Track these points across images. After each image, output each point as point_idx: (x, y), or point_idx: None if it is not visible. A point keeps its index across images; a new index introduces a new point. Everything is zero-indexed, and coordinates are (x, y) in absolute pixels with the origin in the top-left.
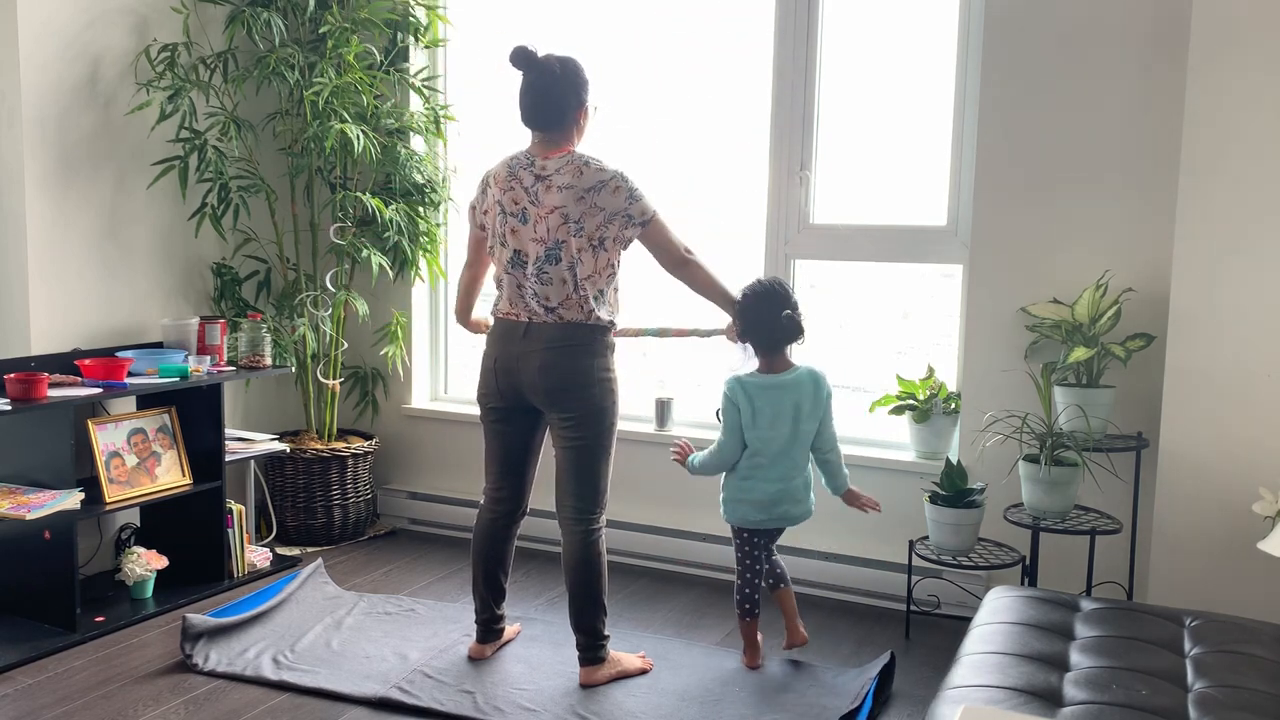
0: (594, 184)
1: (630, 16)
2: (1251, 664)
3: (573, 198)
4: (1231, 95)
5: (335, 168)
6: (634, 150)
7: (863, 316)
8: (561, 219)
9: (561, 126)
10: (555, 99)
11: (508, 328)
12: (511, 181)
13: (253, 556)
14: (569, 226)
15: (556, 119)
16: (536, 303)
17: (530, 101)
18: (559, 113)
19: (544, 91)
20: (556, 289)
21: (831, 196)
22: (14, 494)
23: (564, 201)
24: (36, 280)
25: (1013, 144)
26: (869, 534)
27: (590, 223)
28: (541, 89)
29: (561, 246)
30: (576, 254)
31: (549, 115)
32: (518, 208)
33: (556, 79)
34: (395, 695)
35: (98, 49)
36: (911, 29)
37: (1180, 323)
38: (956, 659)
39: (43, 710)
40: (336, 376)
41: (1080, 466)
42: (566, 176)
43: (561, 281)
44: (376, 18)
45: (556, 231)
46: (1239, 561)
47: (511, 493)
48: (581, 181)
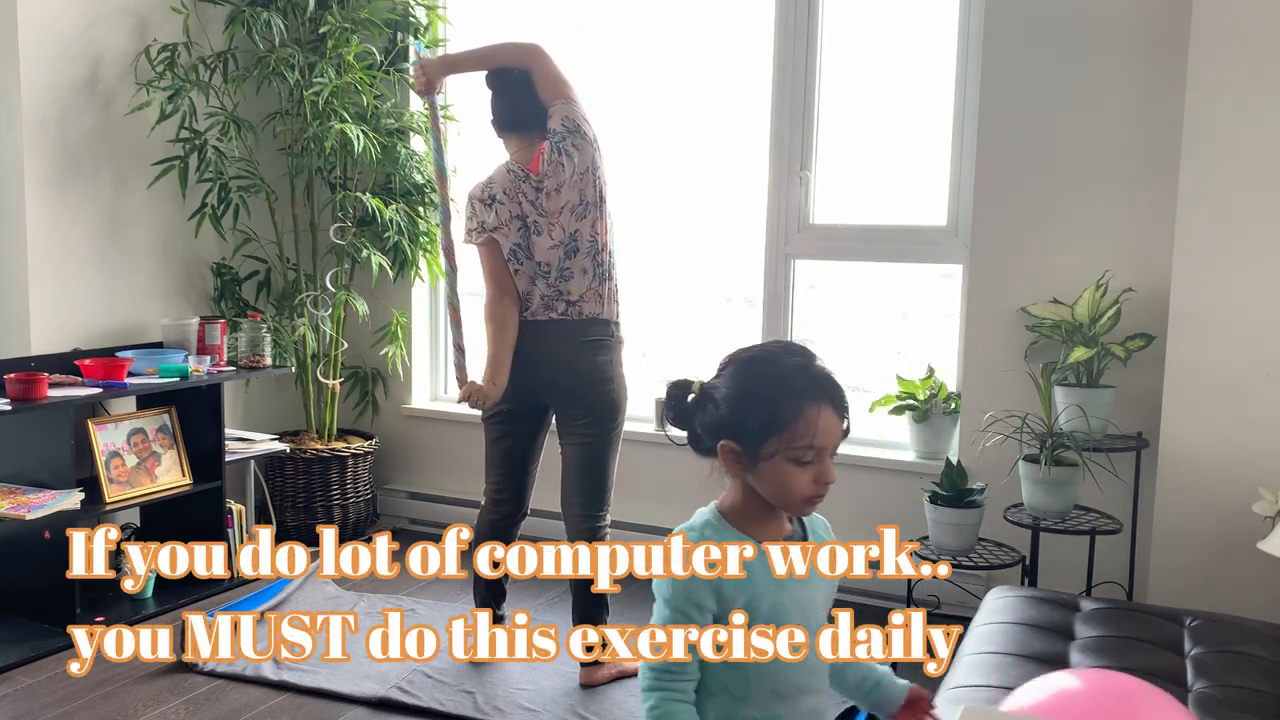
0: (576, 162)
1: (630, 16)
2: (1251, 664)
3: (571, 189)
4: (1231, 95)
5: (335, 168)
6: (634, 150)
7: (863, 316)
8: (570, 214)
9: (542, 123)
10: (530, 98)
11: (523, 327)
12: (519, 197)
13: None
14: (576, 212)
15: (538, 117)
16: (559, 301)
17: (508, 105)
18: (541, 109)
19: (519, 90)
20: (578, 281)
21: (831, 196)
22: (14, 494)
23: (568, 198)
24: (36, 280)
25: (1013, 144)
26: (869, 534)
27: (590, 193)
28: (515, 91)
29: (576, 236)
30: (591, 230)
31: (532, 116)
32: (529, 221)
33: (526, 79)
34: (395, 695)
35: (98, 49)
36: (911, 29)
37: (1180, 323)
38: (956, 659)
39: (43, 710)
40: (336, 376)
41: (1080, 466)
42: (557, 176)
43: (582, 272)
44: (376, 18)
45: (568, 226)
46: (1239, 561)
47: (513, 494)
48: (570, 168)
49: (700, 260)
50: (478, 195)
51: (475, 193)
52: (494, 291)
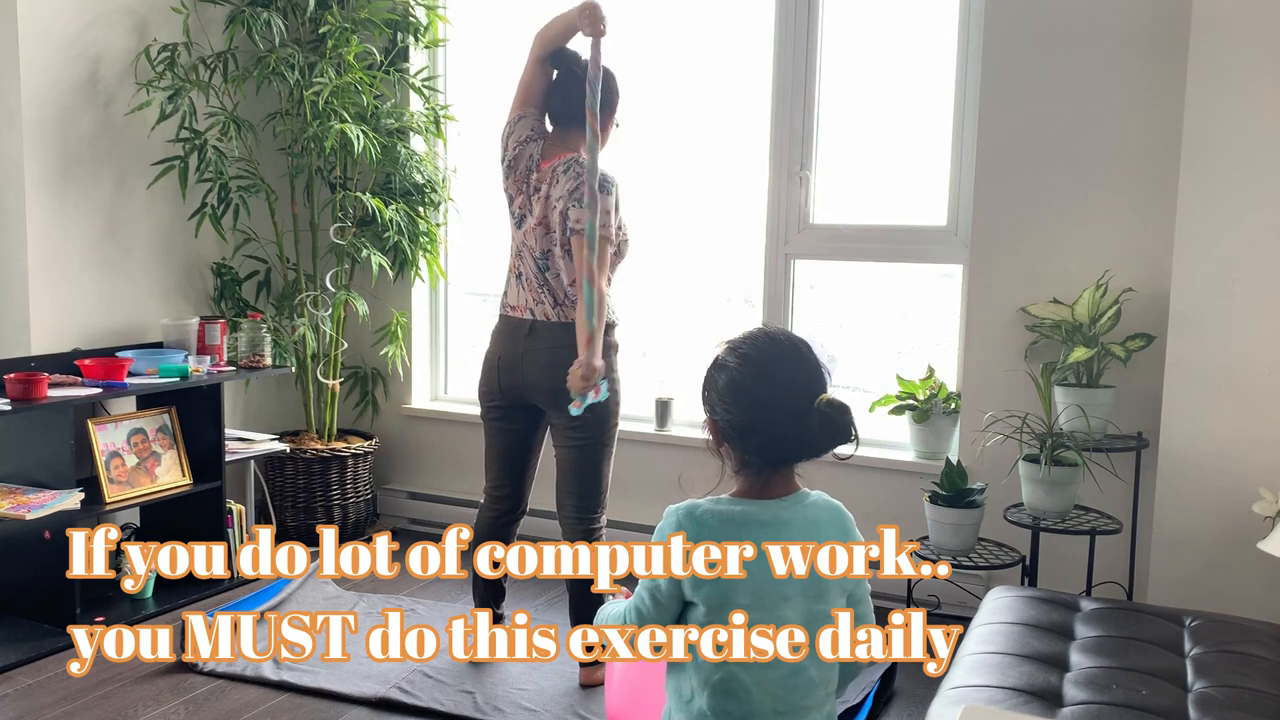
0: (576, 186)
1: (630, 17)
2: (1251, 664)
3: (555, 207)
4: (1231, 95)
5: (335, 168)
6: (634, 150)
7: (863, 316)
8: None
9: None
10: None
11: (513, 325)
12: (529, 176)
13: None
14: (551, 237)
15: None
16: (546, 295)
17: (572, 96)
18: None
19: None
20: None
21: (831, 196)
22: (14, 494)
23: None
24: (36, 280)
25: (1013, 144)
26: (869, 534)
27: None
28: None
29: (548, 255)
30: (561, 256)
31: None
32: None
33: (610, 78)
34: (395, 695)
35: (98, 49)
36: (911, 29)
37: (1180, 323)
38: (956, 659)
39: (43, 710)
40: (336, 376)
41: (1080, 466)
42: (562, 184)
43: (557, 276)
44: (376, 18)
45: (543, 242)
46: (1239, 561)
47: (512, 491)
48: (568, 185)
49: (700, 260)
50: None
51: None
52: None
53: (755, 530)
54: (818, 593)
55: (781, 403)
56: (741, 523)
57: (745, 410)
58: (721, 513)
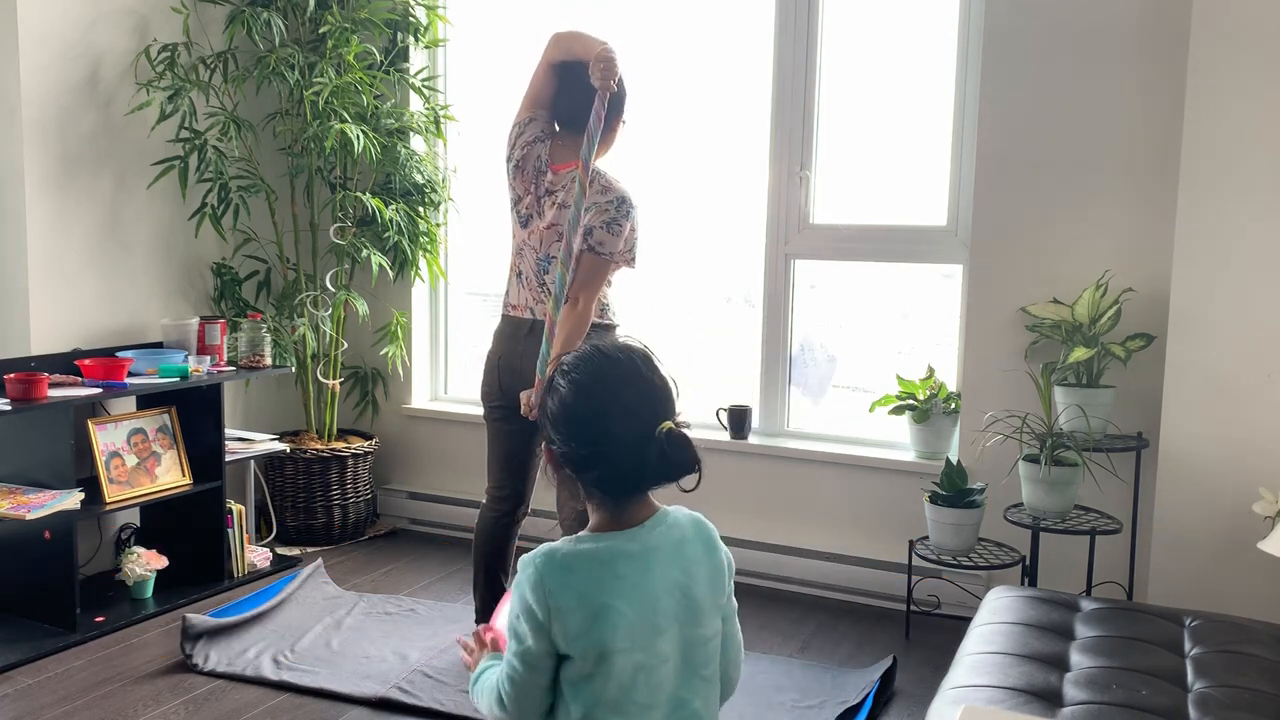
0: (614, 218)
1: (630, 16)
2: (1251, 664)
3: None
4: (1232, 95)
5: (335, 168)
6: (634, 150)
7: (863, 316)
8: (556, 236)
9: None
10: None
11: (514, 325)
12: (538, 177)
13: (253, 556)
14: (556, 245)
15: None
16: (546, 295)
17: (580, 102)
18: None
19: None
20: None
21: (831, 196)
22: (14, 494)
23: (557, 219)
24: (36, 280)
25: (1013, 144)
26: (869, 534)
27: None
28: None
29: (552, 259)
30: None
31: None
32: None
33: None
34: (395, 695)
35: (98, 49)
36: (911, 29)
37: (1180, 323)
38: (956, 659)
39: (43, 710)
40: (336, 376)
41: (1080, 466)
42: (595, 203)
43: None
44: (376, 18)
45: (549, 247)
46: (1239, 561)
47: (513, 491)
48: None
49: (700, 260)
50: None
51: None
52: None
53: (625, 564)
54: (692, 618)
55: (617, 434)
56: (608, 559)
57: (580, 442)
58: (585, 552)
